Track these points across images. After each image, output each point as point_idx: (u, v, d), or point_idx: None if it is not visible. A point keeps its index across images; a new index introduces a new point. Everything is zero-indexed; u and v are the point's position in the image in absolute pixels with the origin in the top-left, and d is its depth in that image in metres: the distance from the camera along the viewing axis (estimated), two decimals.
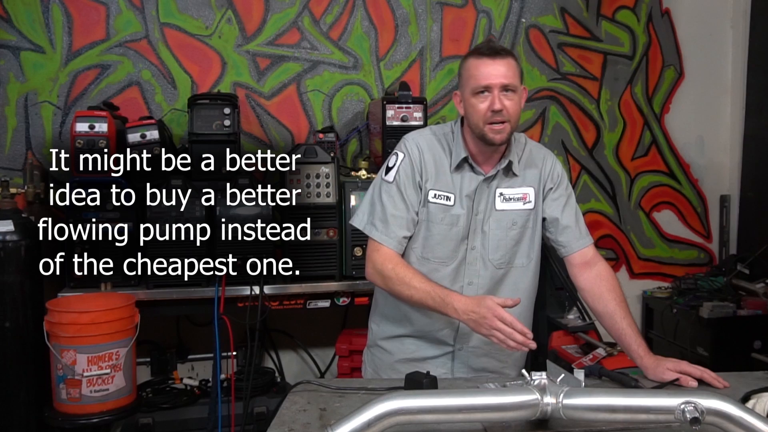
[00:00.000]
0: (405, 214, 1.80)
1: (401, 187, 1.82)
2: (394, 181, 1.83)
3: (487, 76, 1.71)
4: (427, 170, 1.82)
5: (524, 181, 1.86)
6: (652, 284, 3.75)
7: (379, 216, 1.82)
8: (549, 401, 1.30)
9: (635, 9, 3.70)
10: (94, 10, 3.13)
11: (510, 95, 1.72)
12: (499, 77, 1.70)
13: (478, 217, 1.82)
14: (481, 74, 1.72)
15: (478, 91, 1.72)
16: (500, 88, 1.71)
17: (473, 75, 1.73)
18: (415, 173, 1.82)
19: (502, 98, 1.71)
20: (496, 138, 1.74)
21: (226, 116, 2.84)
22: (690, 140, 3.81)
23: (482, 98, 1.72)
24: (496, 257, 1.84)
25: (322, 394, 1.60)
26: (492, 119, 1.72)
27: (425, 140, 1.86)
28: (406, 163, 1.83)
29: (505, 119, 1.72)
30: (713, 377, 1.65)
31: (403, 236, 1.81)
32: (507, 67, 1.71)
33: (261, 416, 2.78)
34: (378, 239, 1.81)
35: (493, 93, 1.71)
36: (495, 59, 1.71)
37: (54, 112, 3.11)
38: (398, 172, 1.82)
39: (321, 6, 3.35)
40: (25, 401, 2.48)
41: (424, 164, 1.82)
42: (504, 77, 1.71)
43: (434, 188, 1.82)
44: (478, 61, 1.73)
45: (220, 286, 2.66)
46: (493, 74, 1.70)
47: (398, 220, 1.80)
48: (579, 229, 1.87)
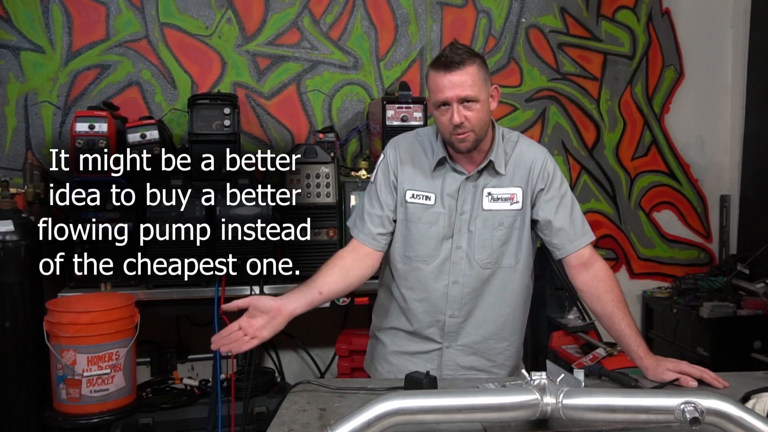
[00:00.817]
0: (380, 212, 1.86)
1: (377, 187, 1.89)
2: (374, 182, 1.92)
3: (443, 90, 1.70)
4: (404, 171, 1.87)
5: (512, 181, 1.85)
6: (652, 284, 3.75)
7: (359, 214, 1.91)
8: (549, 401, 1.30)
9: (635, 9, 3.70)
10: (94, 10, 3.14)
11: (471, 105, 1.71)
12: (456, 90, 1.69)
13: (464, 217, 1.83)
14: (438, 88, 1.71)
15: (438, 105, 1.73)
16: (458, 101, 1.70)
17: (432, 89, 1.74)
18: (390, 174, 1.88)
19: (462, 110, 1.70)
20: (461, 146, 1.76)
21: (226, 116, 2.85)
22: (690, 140, 3.81)
23: (444, 111, 1.73)
24: (482, 257, 1.84)
25: (321, 394, 1.60)
26: (454, 132, 1.73)
27: (406, 143, 1.91)
28: (384, 165, 1.91)
29: (467, 130, 1.73)
30: (713, 377, 1.65)
31: (378, 233, 1.86)
32: (464, 77, 1.69)
33: (261, 416, 2.78)
34: (354, 235, 1.90)
35: (452, 107, 1.71)
36: (451, 71, 1.68)
37: (54, 112, 3.11)
38: (377, 174, 1.92)
39: (321, 6, 3.35)
40: (25, 401, 2.48)
41: (400, 166, 1.87)
42: (461, 89, 1.69)
43: (412, 188, 1.86)
44: (436, 75, 1.72)
45: (220, 286, 2.66)
46: (449, 88, 1.69)
47: (373, 218, 1.87)
48: (574, 229, 1.85)
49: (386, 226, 1.87)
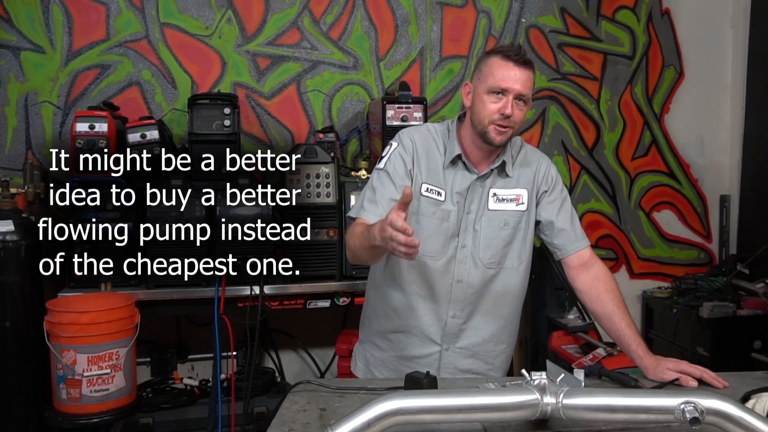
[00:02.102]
0: (395, 194, 1.76)
1: (391, 172, 1.81)
2: (384, 167, 1.83)
3: (508, 80, 1.72)
4: (420, 163, 1.84)
5: (518, 182, 1.87)
6: (652, 284, 3.75)
7: (369, 198, 1.80)
8: (549, 401, 1.30)
9: (635, 9, 3.70)
10: (94, 10, 3.13)
11: (521, 105, 1.75)
12: (519, 85, 1.72)
13: (470, 216, 1.84)
14: (503, 76, 1.72)
15: (494, 91, 1.73)
16: (516, 96, 1.73)
17: (494, 74, 1.73)
18: (406, 161, 1.82)
19: (514, 106, 1.73)
20: (497, 139, 1.76)
21: (226, 116, 2.85)
22: (690, 140, 3.81)
23: (495, 99, 1.74)
24: (487, 257, 1.84)
25: (322, 394, 1.60)
26: (499, 122, 1.74)
27: (419, 135, 1.88)
28: (399, 151, 1.83)
29: (510, 125, 1.75)
30: (713, 377, 1.66)
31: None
32: (528, 78, 1.74)
33: (261, 416, 2.78)
34: (361, 216, 1.77)
35: (508, 98, 1.73)
36: (520, 67, 1.73)
37: (54, 112, 3.11)
38: (390, 159, 1.83)
39: (321, 6, 3.35)
40: (25, 401, 2.48)
41: (417, 156, 1.84)
42: (523, 87, 1.73)
43: (426, 182, 1.83)
44: (504, 63, 1.73)
45: (220, 286, 2.66)
46: (515, 80, 1.72)
47: (384, 200, 1.76)
48: (575, 231, 1.88)
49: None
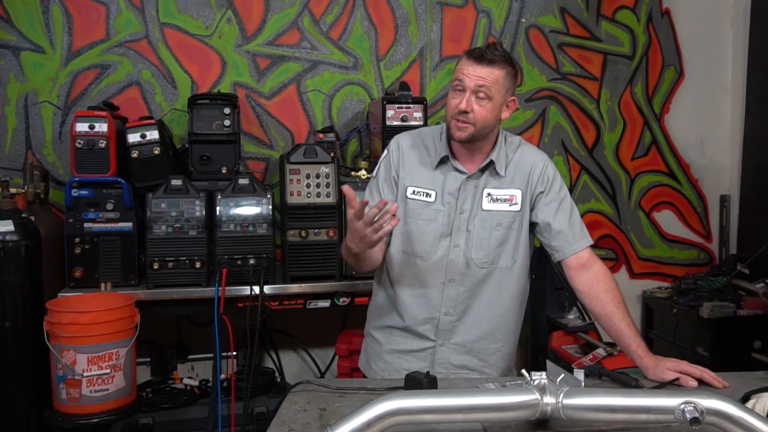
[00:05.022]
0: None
1: (379, 181, 1.93)
2: (375, 176, 1.96)
3: (463, 74, 1.75)
4: (406, 167, 1.89)
5: (512, 182, 1.88)
6: (652, 284, 3.74)
7: None
8: (549, 401, 1.30)
9: (635, 9, 3.70)
10: (94, 10, 3.14)
11: (483, 102, 1.74)
12: (475, 79, 1.73)
13: (463, 216, 1.85)
14: (460, 70, 1.77)
15: (454, 86, 1.77)
16: (473, 90, 1.74)
17: (455, 71, 1.79)
18: (391, 170, 1.91)
19: (473, 101, 1.74)
20: (455, 134, 1.78)
21: (226, 116, 2.85)
22: (690, 140, 3.81)
23: (456, 94, 1.77)
24: (480, 257, 1.85)
25: (322, 394, 1.60)
26: (457, 116, 1.76)
27: (409, 139, 1.94)
28: (386, 160, 1.93)
29: (470, 122, 1.76)
30: (713, 377, 1.66)
31: None
32: (488, 73, 1.73)
33: (261, 416, 2.78)
34: None
35: (465, 93, 1.75)
36: (480, 63, 1.74)
37: (54, 112, 3.11)
38: (379, 169, 1.95)
39: (321, 6, 3.35)
40: (25, 401, 2.48)
41: (403, 161, 1.89)
42: (480, 80, 1.73)
43: (413, 185, 1.87)
44: (465, 60, 1.78)
45: (220, 286, 2.66)
46: (471, 75, 1.74)
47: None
48: (573, 232, 1.87)
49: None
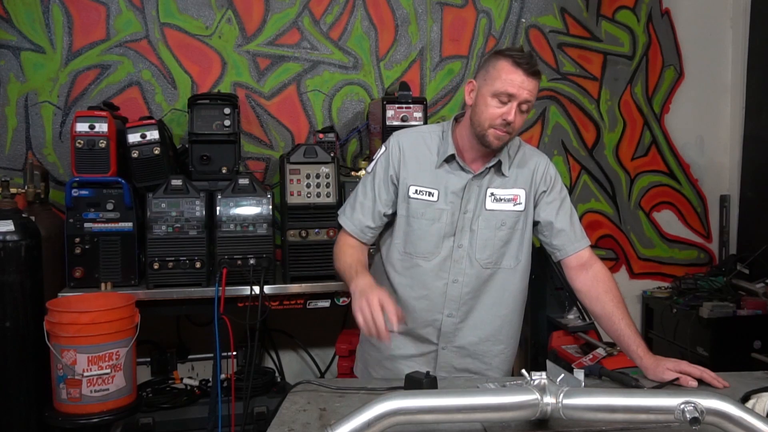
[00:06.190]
0: (371, 204, 1.86)
1: (375, 179, 1.88)
2: (371, 173, 1.91)
3: (515, 87, 1.71)
4: (407, 166, 1.86)
5: (516, 182, 1.87)
6: (652, 284, 3.74)
7: (350, 203, 1.91)
8: (549, 401, 1.30)
9: (635, 9, 3.70)
10: (94, 10, 3.14)
11: (523, 114, 1.76)
12: (525, 93, 1.72)
13: (467, 216, 1.84)
14: (511, 81, 1.71)
15: (499, 95, 1.72)
16: (520, 103, 1.73)
17: (503, 78, 1.72)
18: (390, 168, 1.87)
19: (517, 112, 1.73)
20: (494, 143, 1.77)
21: (226, 116, 2.85)
22: (690, 140, 3.81)
23: (499, 103, 1.73)
24: (483, 257, 1.84)
25: (322, 394, 1.60)
26: (500, 127, 1.74)
27: (410, 137, 1.90)
28: (385, 158, 1.89)
29: (510, 131, 1.76)
30: (713, 377, 1.66)
31: (367, 225, 1.87)
32: (535, 86, 1.74)
33: (261, 416, 2.78)
34: (342, 223, 1.90)
35: (513, 104, 1.72)
36: (530, 76, 1.72)
37: (54, 112, 3.11)
38: (376, 165, 1.91)
39: (321, 6, 3.35)
40: (25, 401, 2.48)
41: (403, 160, 1.86)
42: (529, 95, 1.73)
43: (415, 184, 1.84)
44: (514, 69, 1.71)
45: (220, 286, 2.66)
46: (522, 88, 1.71)
47: (364, 209, 1.87)
48: (574, 232, 1.88)
49: (375, 220, 1.86)
